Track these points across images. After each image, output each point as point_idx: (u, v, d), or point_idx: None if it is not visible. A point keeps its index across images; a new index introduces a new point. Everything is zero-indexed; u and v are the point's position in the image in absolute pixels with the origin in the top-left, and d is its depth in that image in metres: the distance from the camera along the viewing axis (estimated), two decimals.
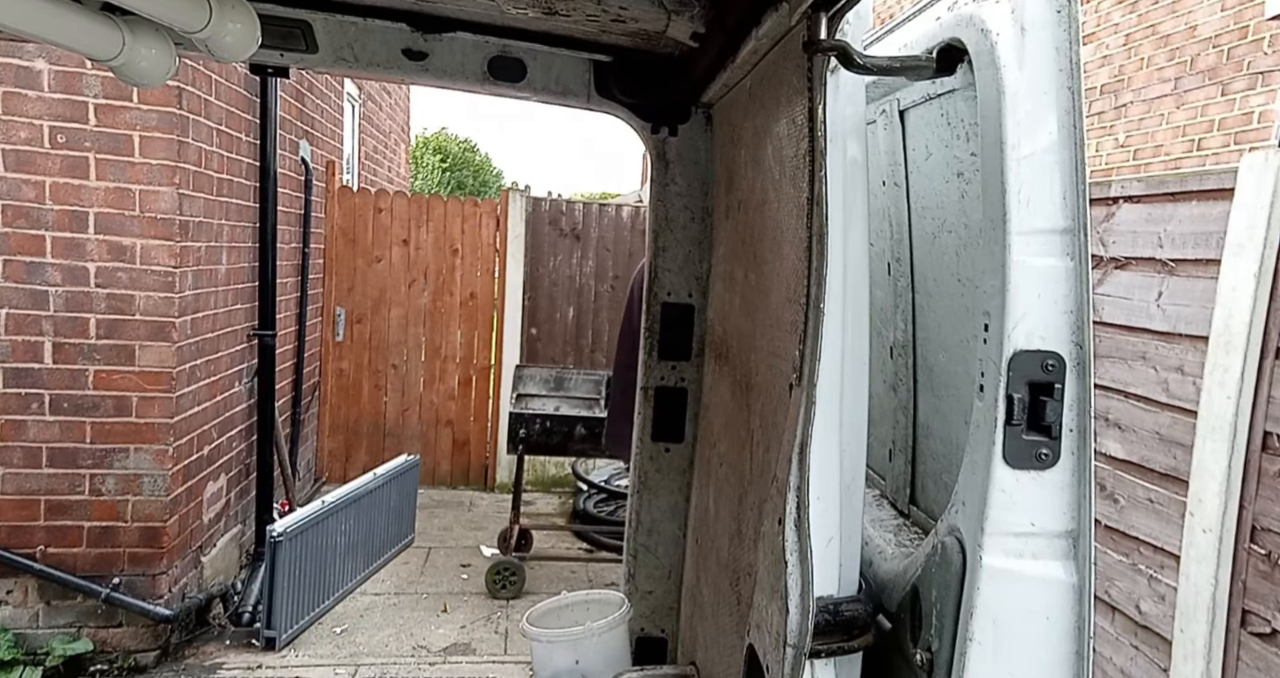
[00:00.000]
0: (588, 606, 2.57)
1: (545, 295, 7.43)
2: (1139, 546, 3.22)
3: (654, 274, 2.50)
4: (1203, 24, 5.46)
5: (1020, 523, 1.24)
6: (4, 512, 3.94)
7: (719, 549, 2.10)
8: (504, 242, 7.29)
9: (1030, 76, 1.21)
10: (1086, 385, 1.23)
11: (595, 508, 6.74)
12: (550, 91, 2.35)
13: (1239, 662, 2.75)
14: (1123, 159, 6.16)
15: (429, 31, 2.22)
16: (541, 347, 7.43)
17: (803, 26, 1.36)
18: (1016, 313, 1.21)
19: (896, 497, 1.97)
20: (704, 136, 2.41)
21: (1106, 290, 3.39)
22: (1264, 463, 2.70)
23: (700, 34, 1.98)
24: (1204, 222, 2.96)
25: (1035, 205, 1.21)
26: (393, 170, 11.26)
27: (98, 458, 4.03)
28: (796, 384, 1.43)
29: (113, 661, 4.10)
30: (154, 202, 3.98)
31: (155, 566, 4.13)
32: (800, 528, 1.38)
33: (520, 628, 2.47)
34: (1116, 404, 3.32)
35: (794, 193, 1.51)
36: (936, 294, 1.73)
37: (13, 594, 4.01)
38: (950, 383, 1.68)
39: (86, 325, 3.96)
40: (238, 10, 1.73)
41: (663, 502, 2.61)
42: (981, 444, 1.25)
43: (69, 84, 3.83)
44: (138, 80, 1.71)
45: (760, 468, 1.72)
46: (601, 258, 7.46)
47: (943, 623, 1.30)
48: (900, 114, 1.80)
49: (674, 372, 2.54)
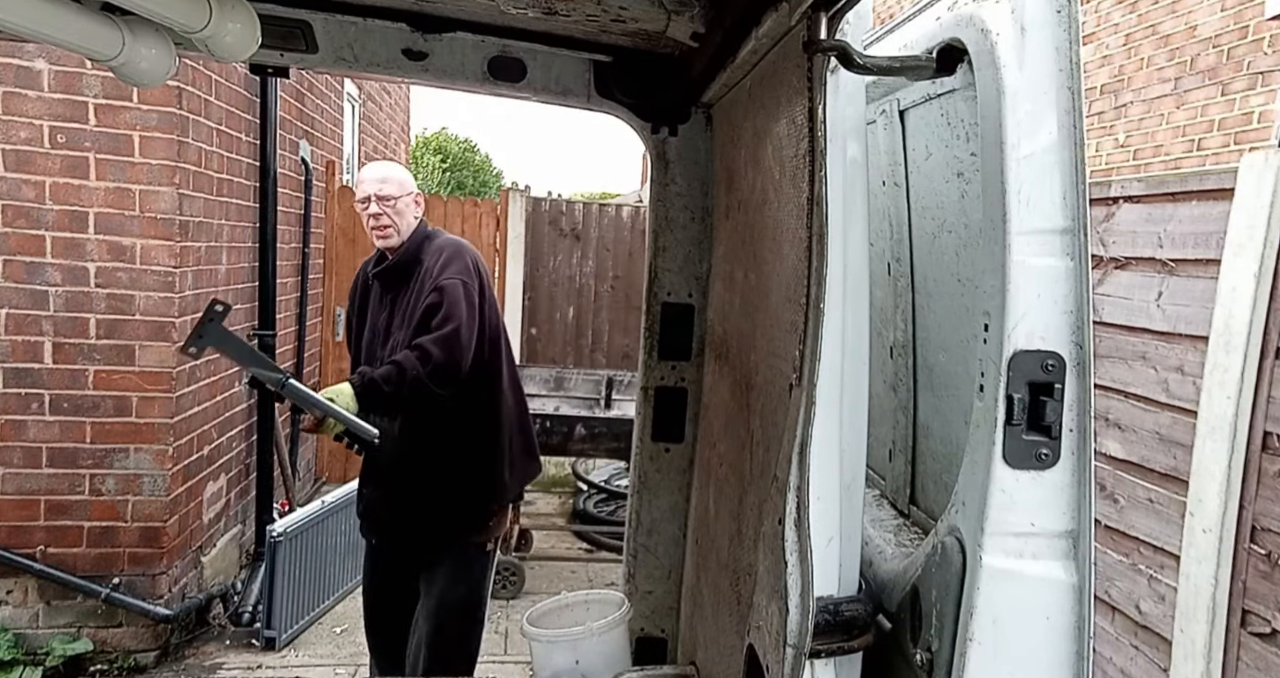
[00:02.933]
0: (588, 606, 2.57)
1: (545, 295, 7.43)
2: (1139, 546, 3.22)
3: (654, 274, 2.50)
4: (1203, 24, 5.46)
5: (1020, 523, 1.24)
6: (4, 512, 3.94)
7: (719, 549, 2.10)
8: (504, 242, 7.29)
9: (1030, 76, 1.21)
10: (1086, 385, 1.23)
11: (595, 508, 6.74)
12: (550, 91, 2.35)
13: (1239, 662, 2.75)
14: (1123, 159, 6.16)
15: (429, 31, 2.22)
16: (541, 347, 7.43)
17: (803, 26, 1.35)
18: (1016, 313, 1.21)
19: (896, 497, 1.97)
20: (704, 136, 2.41)
21: (1106, 290, 3.39)
22: (1264, 463, 2.70)
23: (700, 34, 1.98)
24: (1204, 222, 2.96)
25: (1035, 205, 1.21)
26: None
27: (98, 458, 4.02)
28: (796, 384, 1.43)
29: (113, 661, 4.09)
30: (154, 202, 3.98)
31: (155, 566, 4.13)
32: (800, 528, 1.38)
33: (520, 628, 2.47)
34: (1116, 404, 3.32)
35: (794, 193, 1.51)
36: (936, 294, 1.73)
37: (13, 594, 4.01)
38: (950, 383, 1.68)
39: (86, 325, 3.96)
40: (238, 10, 1.73)
41: (663, 502, 2.61)
42: (981, 444, 1.25)
43: (69, 84, 3.83)
44: (138, 80, 1.71)
45: (760, 468, 1.72)
46: (601, 258, 7.46)
47: (943, 623, 1.30)
48: (900, 114, 1.80)
49: (674, 372, 2.54)
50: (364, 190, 2.96)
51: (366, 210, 2.97)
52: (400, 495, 2.96)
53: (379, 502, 3.04)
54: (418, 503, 2.94)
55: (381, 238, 2.98)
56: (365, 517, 3.12)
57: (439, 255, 2.93)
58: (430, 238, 3.03)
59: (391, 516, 3.02)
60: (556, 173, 77.24)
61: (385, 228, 2.96)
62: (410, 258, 2.98)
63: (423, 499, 2.93)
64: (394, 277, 3.00)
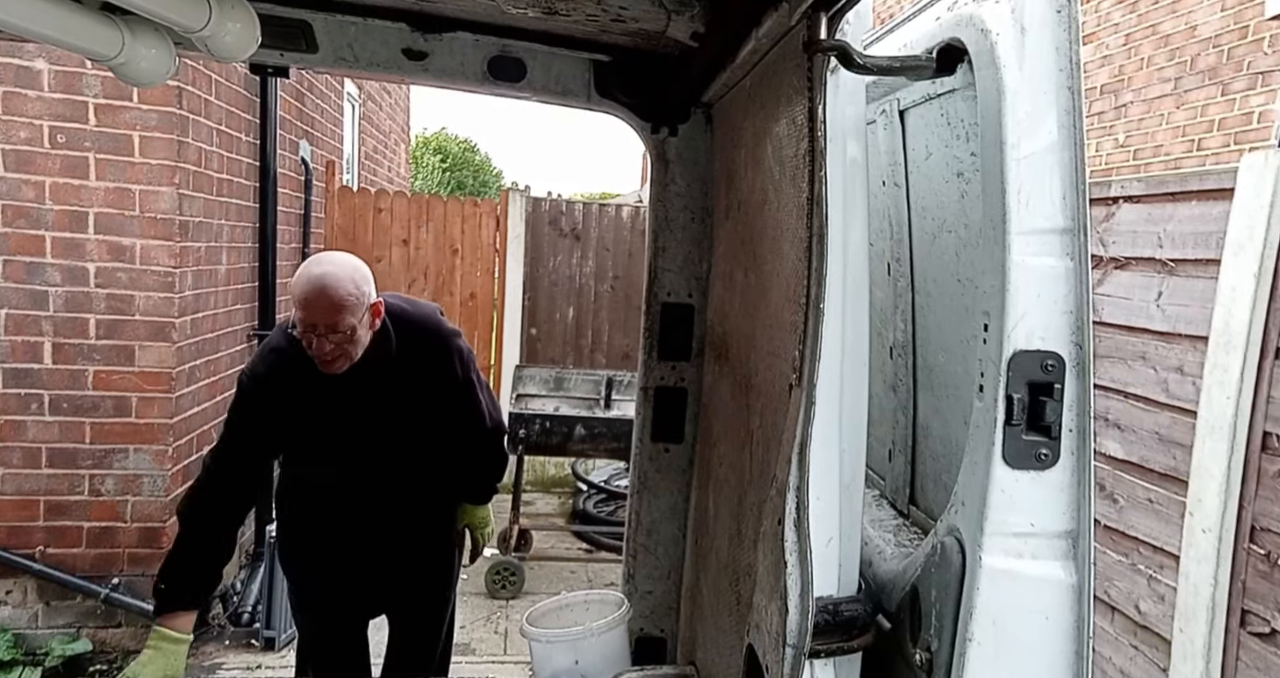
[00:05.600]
0: (587, 606, 2.57)
1: (545, 295, 7.43)
2: (1138, 545, 3.22)
3: (654, 274, 2.50)
4: (1203, 24, 5.46)
5: (1020, 523, 1.24)
6: (4, 512, 3.94)
7: (719, 549, 2.10)
8: (504, 242, 7.29)
9: (1030, 76, 1.21)
10: (1086, 386, 1.23)
11: (595, 508, 6.74)
12: (550, 91, 2.35)
13: (1238, 662, 2.75)
14: (1123, 159, 6.16)
15: (429, 31, 2.22)
16: (541, 347, 7.43)
17: (803, 26, 1.35)
18: (1016, 313, 1.21)
19: (896, 497, 1.97)
20: (704, 136, 2.41)
21: (1106, 290, 3.39)
22: (1263, 463, 2.70)
23: (700, 34, 1.98)
24: (1204, 222, 2.96)
25: (1035, 205, 1.21)
26: (393, 170, 11.27)
27: (97, 458, 4.02)
28: (796, 384, 1.43)
29: (112, 661, 4.09)
30: (154, 202, 3.98)
31: (155, 566, 4.10)
32: (800, 528, 1.38)
33: (520, 628, 2.47)
34: (1116, 404, 3.32)
35: (794, 193, 1.51)
36: (936, 294, 1.73)
37: (12, 595, 4.01)
38: (950, 383, 1.68)
39: (86, 326, 3.96)
40: (238, 10, 1.73)
41: (662, 502, 2.61)
42: (981, 444, 1.25)
43: (69, 84, 3.83)
44: (138, 80, 1.71)
45: (760, 468, 1.72)
46: (601, 258, 7.46)
47: (942, 623, 1.30)
48: (900, 114, 1.80)
49: (674, 372, 2.54)
50: (304, 318, 2.32)
51: (310, 343, 2.35)
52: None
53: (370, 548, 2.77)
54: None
55: (329, 370, 2.42)
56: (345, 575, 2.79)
57: (409, 330, 2.61)
58: (388, 329, 2.55)
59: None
60: (556, 173, 77.23)
61: (335, 361, 2.40)
62: (382, 351, 2.53)
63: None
64: (363, 372, 2.51)
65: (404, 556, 2.80)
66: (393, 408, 2.62)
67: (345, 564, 2.75)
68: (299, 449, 2.68)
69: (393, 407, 2.62)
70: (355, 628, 2.91)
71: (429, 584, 2.91)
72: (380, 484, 2.69)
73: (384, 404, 2.60)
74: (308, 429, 2.59)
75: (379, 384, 2.56)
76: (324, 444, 2.64)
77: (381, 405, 2.60)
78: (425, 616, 2.94)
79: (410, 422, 2.67)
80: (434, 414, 2.70)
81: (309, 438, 2.62)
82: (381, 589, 2.84)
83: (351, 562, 2.75)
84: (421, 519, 2.83)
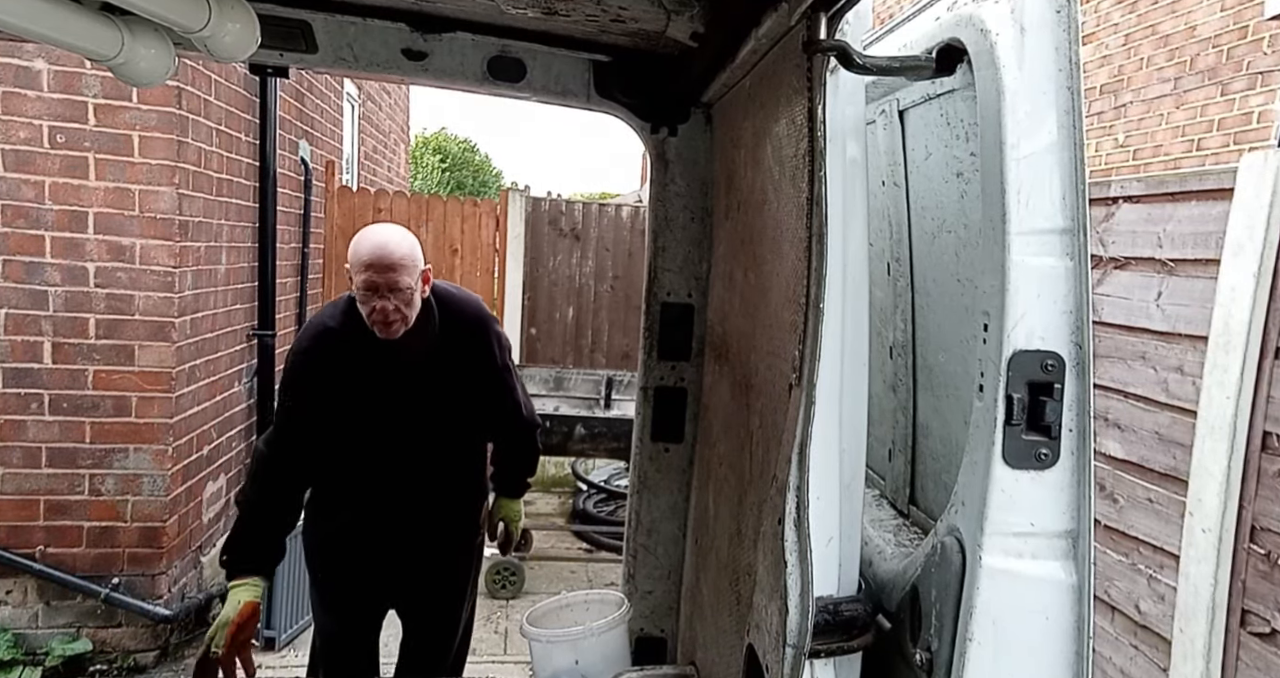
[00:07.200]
0: (587, 606, 2.57)
1: (545, 295, 7.44)
2: (1138, 545, 3.22)
3: (654, 274, 2.50)
4: (1202, 24, 5.46)
5: (1020, 523, 1.24)
6: (4, 512, 3.94)
7: (719, 549, 2.10)
8: (503, 242, 7.29)
9: (1030, 76, 1.21)
10: (1086, 385, 1.23)
11: (595, 508, 6.74)
12: (550, 91, 2.35)
13: (1238, 662, 2.75)
14: (1122, 159, 6.16)
15: (429, 31, 2.22)
16: (541, 347, 7.44)
17: (802, 26, 1.35)
18: (1016, 313, 1.21)
19: (896, 497, 1.97)
20: (704, 136, 2.41)
21: (1106, 290, 3.39)
22: (1263, 463, 2.70)
23: (700, 34, 1.98)
24: (1203, 222, 2.96)
25: (1035, 205, 1.21)
26: (392, 170, 11.26)
27: (97, 458, 4.02)
28: (796, 384, 1.43)
29: (112, 661, 4.10)
30: (153, 201, 3.98)
31: (155, 566, 4.13)
32: (800, 528, 1.38)
33: (520, 628, 2.47)
34: (1116, 404, 3.32)
35: (794, 193, 1.51)
36: (936, 294, 1.73)
37: (12, 594, 4.01)
38: (950, 383, 1.68)
39: (86, 325, 3.96)
40: (237, 10, 1.73)
41: (662, 502, 2.61)
42: (981, 444, 1.25)
43: (68, 84, 3.83)
44: (137, 80, 1.71)
45: (760, 468, 1.72)
46: (601, 258, 7.46)
47: (942, 623, 1.30)
48: (900, 114, 1.80)
49: (673, 372, 2.54)
50: (368, 279, 2.40)
51: (372, 308, 2.43)
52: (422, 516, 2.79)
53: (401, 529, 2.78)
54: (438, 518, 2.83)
55: (387, 334, 2.49)
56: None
57: (451, 310, 2.71)
58: (431, 307, 2.65)
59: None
60: (556, 173, 77.27)
61: (394, 324, 2.47)
62: (426, 329, 2.62)
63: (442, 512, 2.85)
64: (408, 348, 2.60)
65: (430, 547, 2.82)
66: (434, 387, 2.67)
67: (373, 555, 2.78)
68: (340, 431, 2.64)
69: (434, 386, 2.67)
70: (371, 626, 2.92)
71: (451, 579, 2.92)
72: (416, 470, 2.71)
73: (426, 382, 2.65)
74: (351, 407, 2.60)
75: (422, 362, 2.62)
76: (364, 424, 2.64)
77: (423, 384, 2.64)
78: (443, 612, 2.94)
79: (450, 403, 2.71)
80: (473, 397, 2.75)
81: (351, 417, 2.62)
82: (405, 581, 2.85)
83: (379, 552, 2.78)
84: (452, 511, 2.85)
